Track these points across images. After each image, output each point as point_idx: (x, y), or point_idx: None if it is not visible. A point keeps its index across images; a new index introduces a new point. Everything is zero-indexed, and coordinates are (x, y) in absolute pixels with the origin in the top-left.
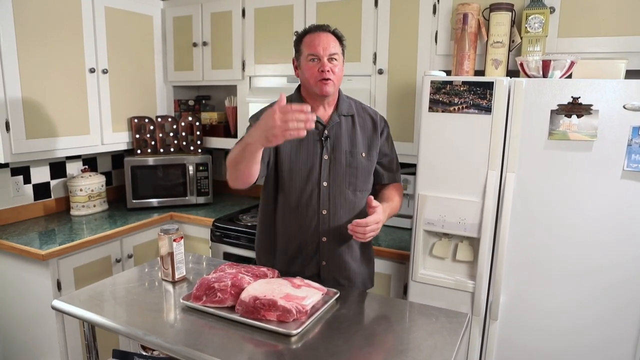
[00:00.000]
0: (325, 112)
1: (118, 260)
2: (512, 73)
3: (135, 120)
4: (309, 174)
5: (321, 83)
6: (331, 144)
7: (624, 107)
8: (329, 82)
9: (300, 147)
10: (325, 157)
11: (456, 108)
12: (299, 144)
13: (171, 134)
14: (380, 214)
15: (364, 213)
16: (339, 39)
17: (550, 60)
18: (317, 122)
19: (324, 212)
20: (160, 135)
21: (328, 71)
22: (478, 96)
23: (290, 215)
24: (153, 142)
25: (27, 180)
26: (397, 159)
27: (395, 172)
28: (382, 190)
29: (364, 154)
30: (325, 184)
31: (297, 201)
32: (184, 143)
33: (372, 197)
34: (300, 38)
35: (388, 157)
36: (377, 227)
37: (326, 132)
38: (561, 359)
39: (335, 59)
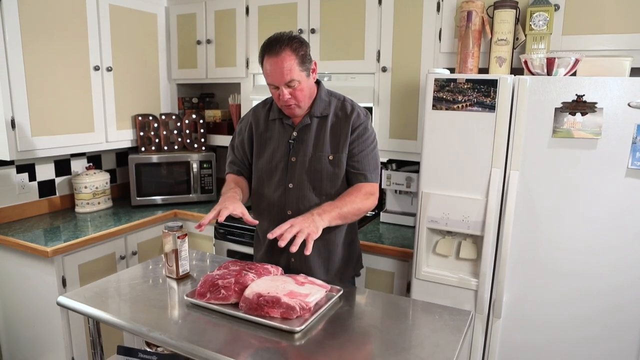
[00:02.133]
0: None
1: (122, 257)
2: (516, 71)
3: (140, 118)
4: (276, 175)
5: (285, 108)
6: (297, 146)
7: (628, 105)
8: (292, 107)
9: (272, 149)
10: (293, 159)
11: (460, 106)
12: (271, 146)
13: (175, 132)
14: (296, 221)
15: None
16: (297, 51)
17: (555, 58)
18: (287, 124)
19: (289, 212)
20: (164, 132)
21: (288, 99)
22: (482, 94)
23: (262, 213)
24: (157, 140)
25: (32, 177)
26: (373, 156)
27: (366, 171)
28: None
29: (330, 157)
30: (290, 185)
31: (267, 200)
32: (188, 141)
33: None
34: (261, 58)
35: (356, 156)
36: (292, 230)
37: (294, 133)
38: (564, 357)
39: (295, 83)
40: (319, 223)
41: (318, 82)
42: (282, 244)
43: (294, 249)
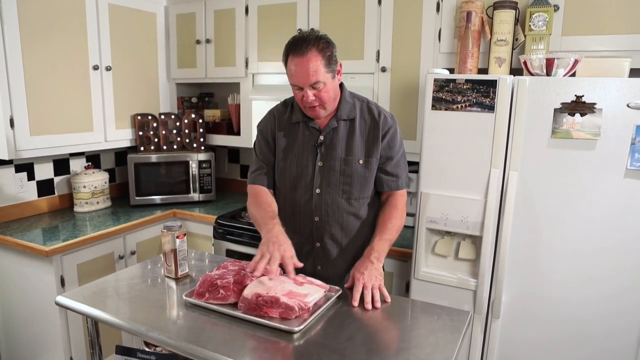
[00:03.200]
0: (324, 116)
1: (121, 257)
2: (515, 71)
3: (139, 118)
4: (302, 180)
5: (309, 109)
6: (326, 150)
7: (627, 105)
8: (316, 108)
9: (296, 153)
10: (320, 163)
11: (459, 106)
12: (295, 150)
13: (174, 131)
14: (361, 279)
15: (361, 220)
16: (324, 52)
17: (554, 59)
18: (312, 127)
19: (317, 219)
20: (164, 132)
21: (312, 101)
22: (481, 94)
23: (287, 218)
24: (156, 139)
25: (31, 176)
26: (404, 160)
27: (399, 177)
28: (381, 210)
29: (361, 161)
30: (318, 190)
31: (292, 206)
32: (187, 140)
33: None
34: (285, 57)
35: (391, 161)
36: (368, 292)
37: (321, 137)
38: (563, 357)
39: (320, 84)
40: (379, 268)
41: (341, 85)
42: (368, 307)
43: (377, 305)
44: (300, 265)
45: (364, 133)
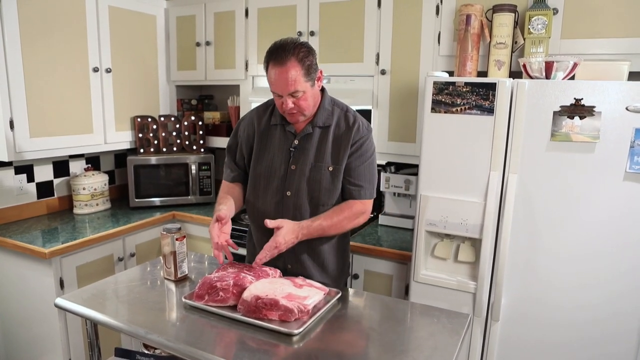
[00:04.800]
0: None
1: (120, 259)
2: (514, 74)
3: (138, 120)
4: (274, 181)
5: (288, 115)
6: (298, 154)
7: (626, 109)
8: (295, 115)
9: (271, 154)
10: (293, 166)
11: (459, 109)
12: (271, 151)
13: (174, 133)
14: (279, 238)
15: None
16: (303, 61)
17: (553, 62)
18: (288, 131)
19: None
20: (163, 134)
21: (291, 108)
22: (481, 97)
23: (259, 218)
24: (156, 142)
25: (30, 178)
26: (370, 171)
27: (361, 187)
28: (338, 205)
29: (330, 168)
30: (288, 193)
31: (263, 206)
32: (187, 142)
33: (269, 221)
34: (266, 64)
35: (354, 171)
36: (276, 251)
37: (296, 141)
38: None
39: (299, 93)
40: (292, 242)
41: (322, 90)
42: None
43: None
44: (235, 248)
45: (336, 140)
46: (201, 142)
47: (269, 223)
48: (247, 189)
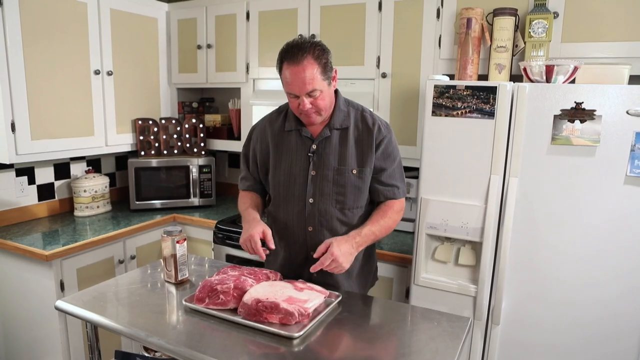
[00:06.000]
0: (318, 124)
1: (121, 262)
2: (515, 78)
3: (140, 122)
4: (294, 189)
5: (304, 116)
6: (318, 159)
7: (627, 112)
8: (312, 115)
9: (289, 162)
10: (313, 172)
11: (459, 112)
12: (288, 159)
13: (175, 136)
14: (333, 249)
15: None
16: (320, 59)
17: (554, 65)
18: (305, 136)
19: (310, 228)
20: (164, 137)
21: (308, 109)
22: (481, 101)
23: (281, 228)
24: (157, 144)
25: (31, 180)
26: (400, 169)
27: (394, 187)
28: (376, 208)
29: (354, 171)
30: (311, 200)
31: (284, 215)
32: (188, 145)
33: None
34: (279, 64)
35: (385, 172)
36: (335, 264)
37: (314, 146)
38: None
39: (317, 92)
40: (353, 255)
41: (336, 91)
42: (315, 269)
43: (316, 268)
44: (272, 247)
45: (358, 142)
46: (202, 144)
47: (317, 254)
48: (268, 198)
